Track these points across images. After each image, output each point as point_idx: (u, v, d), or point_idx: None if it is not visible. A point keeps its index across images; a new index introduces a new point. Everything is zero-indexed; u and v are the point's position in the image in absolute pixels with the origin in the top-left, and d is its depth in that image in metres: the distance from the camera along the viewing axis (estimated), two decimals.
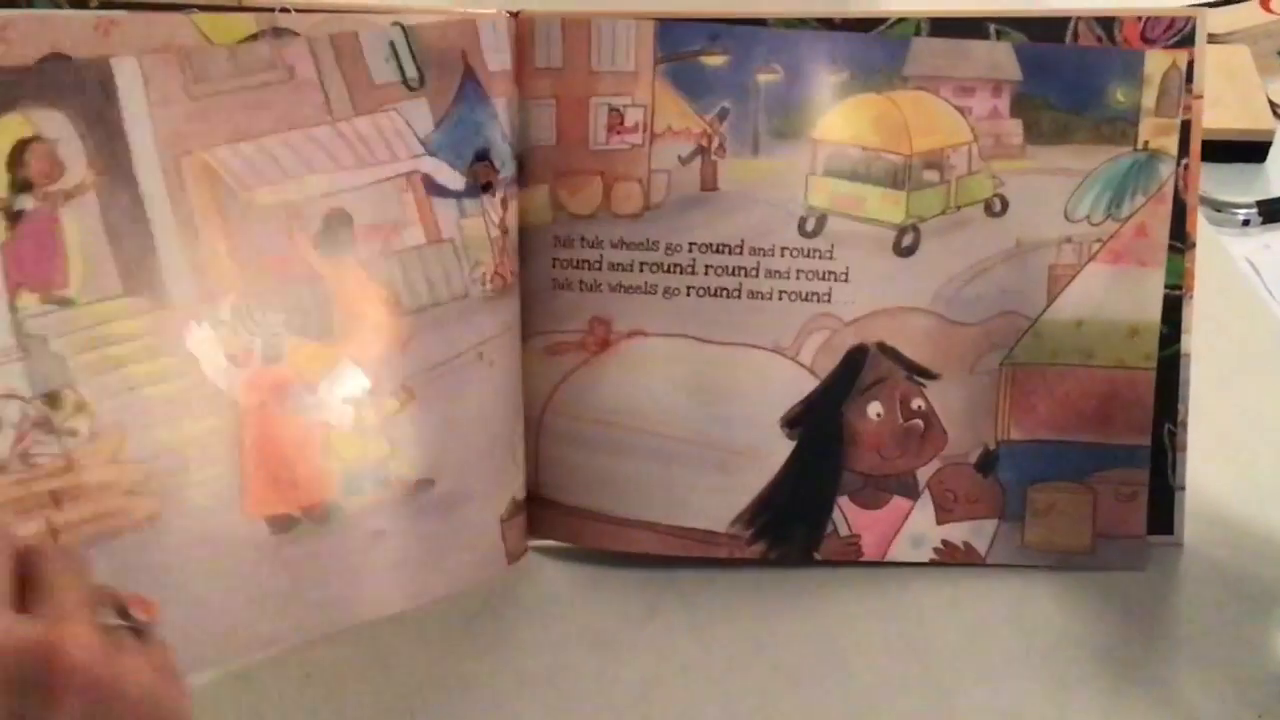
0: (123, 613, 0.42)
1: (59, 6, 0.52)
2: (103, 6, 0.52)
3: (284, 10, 0.53)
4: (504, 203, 0.57)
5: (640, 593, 0.62)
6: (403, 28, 0.54)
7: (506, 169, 0.57)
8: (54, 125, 0.49)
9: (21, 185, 0.49)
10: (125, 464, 0.51)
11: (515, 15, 0.57)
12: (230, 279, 0.53)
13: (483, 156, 0.56)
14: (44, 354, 0.50)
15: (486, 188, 0.57)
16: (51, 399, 0.50)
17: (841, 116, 0.59)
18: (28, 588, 0.40)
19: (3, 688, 0.36)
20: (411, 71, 0.55)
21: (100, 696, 0.38)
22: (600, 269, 0.59)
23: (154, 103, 0.51)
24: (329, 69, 0.53)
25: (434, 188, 0.56)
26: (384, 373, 0.56)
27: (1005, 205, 0.60)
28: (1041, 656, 0.59)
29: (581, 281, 0.60)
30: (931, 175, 0.59)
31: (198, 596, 0.53)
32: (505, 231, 0.58)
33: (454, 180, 0.56)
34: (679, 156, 0.58)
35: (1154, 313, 0.60)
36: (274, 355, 0.54)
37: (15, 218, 0.49)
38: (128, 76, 0.50)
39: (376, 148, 0.55)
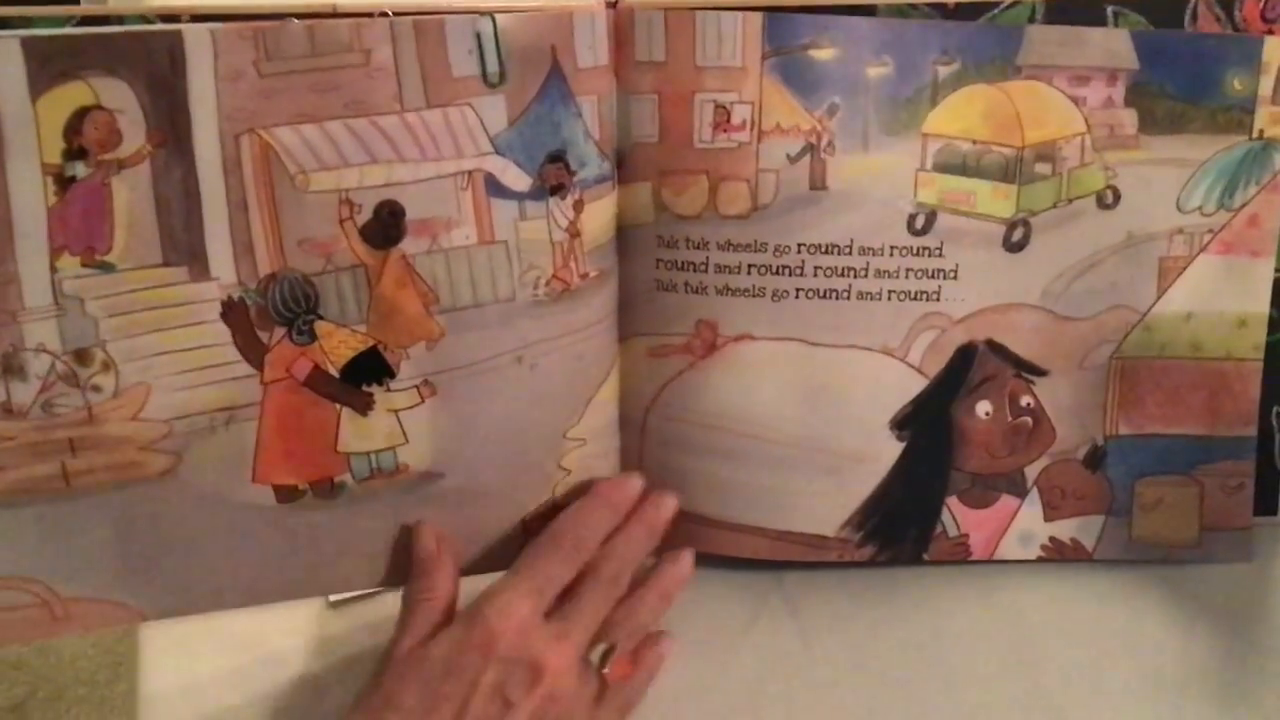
0: (603, 659, 0.53)
1: (149, 21, 0.49)
2: (195, 19, 0.49)
3: (383, 15, 0.50)
4: (577, 205, 0.55)
5: (741, 596, 0.61)
6: (493, 20, 0.51)
7: (587, 170, 0.54)
8: (116, 95, 0.48)
9: (76, 152, 0.48)
10: (145, 421, 0.52)
11: (613, 6, 0.54)
12: (273, 258, 0.52)
13: (557, 158, 0.54)
14: (78, 314, 0.50)
15: (556, 189, 0.54)
16: (80, 356, 0.50)
17: (952, 109, 0.56)
18: (566, 597, 0.54)
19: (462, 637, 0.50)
20: (494, 66, 0.52)
21: (515, 679, 0.50)
22: (706, 271, 0.57)
23: (222, 77, 0.49)
24: (407, 57, 0.51)
25: (495, 188, 0.53)
26: (409, 366, 0.54)
27: (1118, 197, 0.58)
28: (1151, 654, 0.59)
29: (687, 283, 0.57)
30: (1043, 168, 0.57)
31: (199, 549, 0.54)
32: (575, 235, 0.55)
33: (519, 181, 0.53)
34: (787, 155, 0.55)
35: (1263, 303, 0.59)
36: (304, 335, 0.53)
37: (66, 183, 0.49)
38: (199, 48, 0.49)
39: (443, 142, 0.52)
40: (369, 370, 0.54)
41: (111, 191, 0.49)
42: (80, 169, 0.49)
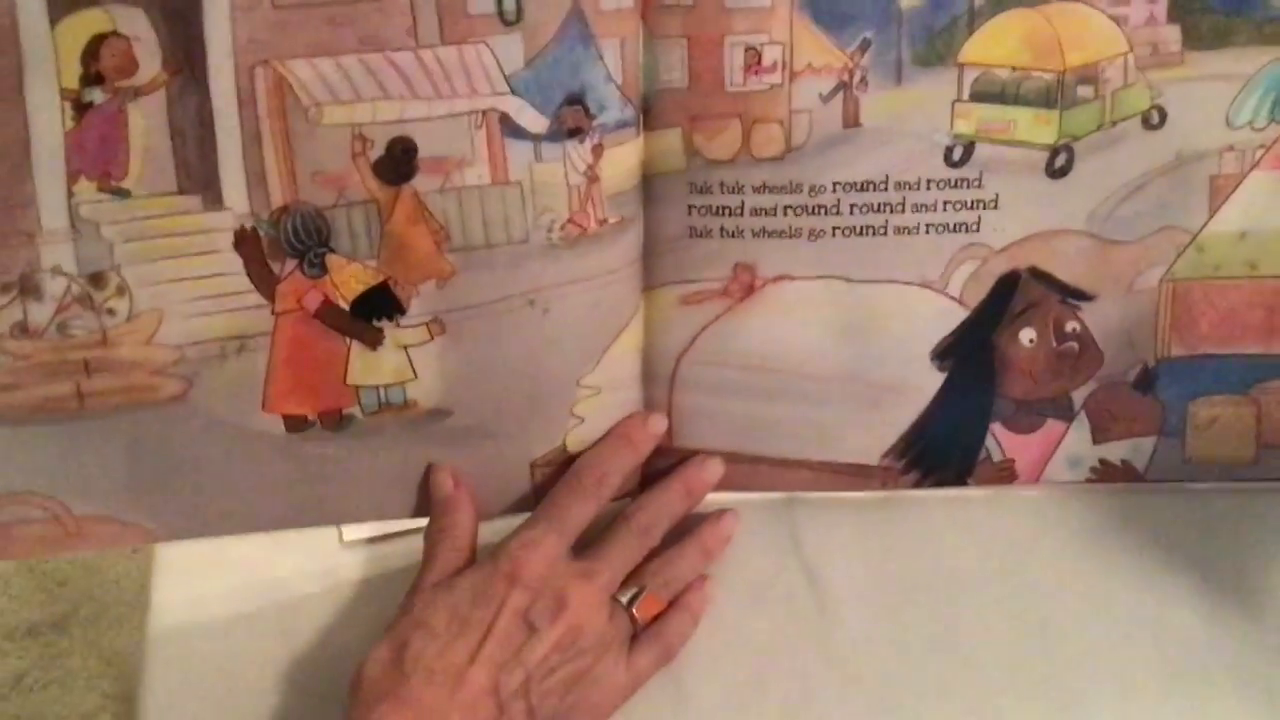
0: (631, 600, 0.55)
1: None
2: None
3: None
4: (596, 150, 0.54)
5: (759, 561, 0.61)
6: None
7: (608, 114, 0.53)
8: (133, 22, 0.48)
9: (94, 78, 0.49)
10: (157, 346, 0.53)
11: None
12: (285, 190, 0.52)
13: (575, 100, 0.53)
14: (94, 238, 0.51)
15: (574, 133, 0.53)
16: (95, 279, 0.51)
17: (988, 36, 0.54)
18: (598, 540, 0.56)
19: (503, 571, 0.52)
20: (511, 4, 0.51)
21: (540, 605, 0.51)
22: (742, 215, 0.56)
23: (237, 7, 0.49)
24: None
25: (511, 128, 0.52)
26: (419, 303, 0.54)
27: (1164, 117, 0.55)
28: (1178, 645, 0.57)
29: (722, 228, 0.56)
30: (1085, 91, 0.55)
31: (209, 473, 0.55)
32: (594, 180, 0.54)
33: (536, 122, 0.53)
34: (820, 94, 0.54)
35: None
36: (315, 268, 0.53)
37: (83, 109, 0.49)
38: None
39: (457, 80, 0.51)
40: (379, 305, 0.54)
41: (127, 118, 0.50)
42: (97, 95, 0.49)
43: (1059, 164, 0.56)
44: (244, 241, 0.52)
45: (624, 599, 0.55)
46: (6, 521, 0.53)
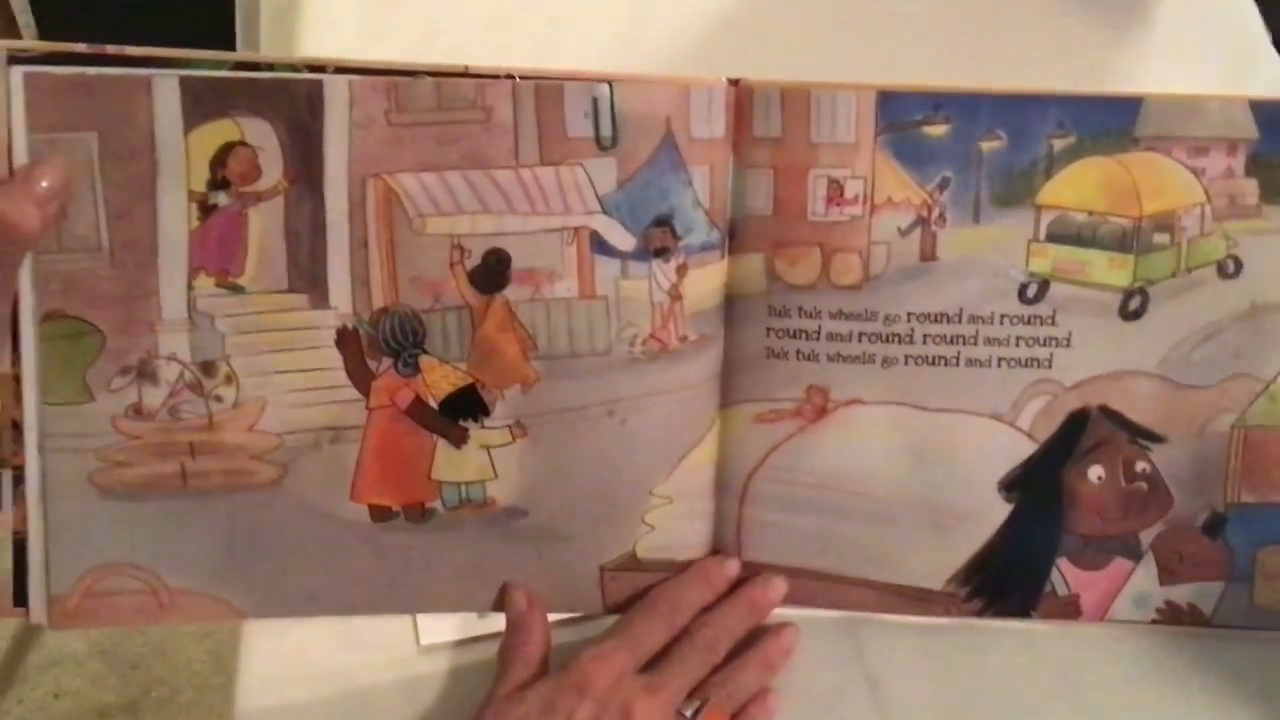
0: (694, 714, 0.55)
1: (296, 70, 0.52)
2: (339, 70, 0.52)
3: (509, 77, 0.53)
4: (680, 269, 0.55)
5: (822, 671, 0.61)
6: (610, 87, 0.53)
7: (694, 236, 0.55)
8: (259, 134, 0.52)
9: (220, 183, 0.52)
10: (259, 433, 0.55)
11: (735, 83, 0.55)
12: (386, 293, 0.54)
13: (663, 222, 0.55)
14: (209, 329, 0.54)
15: (660, 252, 0.55)
16: (206, 367, 0.54)
17: (1066, 181, 0.55)
18: (663, 657, 0.57)
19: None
20: (607, 130, 0.54)
21: (607, 718, 0.53)
22: (818, 339, 0.57)
23: (355, 124, 0.52)
24: (526, 116, 0.53)
25: (600, 245, 0.55)
26: (503, 406, 0.56)
27: (1239, 266, 0.56)
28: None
29: (798, 351, 0.57)
30: (1161, 238, 0.56)
31: (297, 556, 0.57)
32: (676, 298, 0.56)
33: (624, 241, 0.55)
34: (899, 228, 0.56)
35: None
36: (409, 367, 0.56)
37: (208, 210, 0.52)
38: (336, 97, 0.52)
39: (552, 198, 0.54)
40: (466, 406, 0.56)
41: (248, 220, 0.53)
42: (222, 198, 0.52)
43: (1133, 307, 0.58)
44: (345, 339, 0.55)
45: (688, 712, 0.55)
46: (105, 591, 0.55)
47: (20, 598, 0.55)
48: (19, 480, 0.54)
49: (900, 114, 0.55)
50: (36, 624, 0.55)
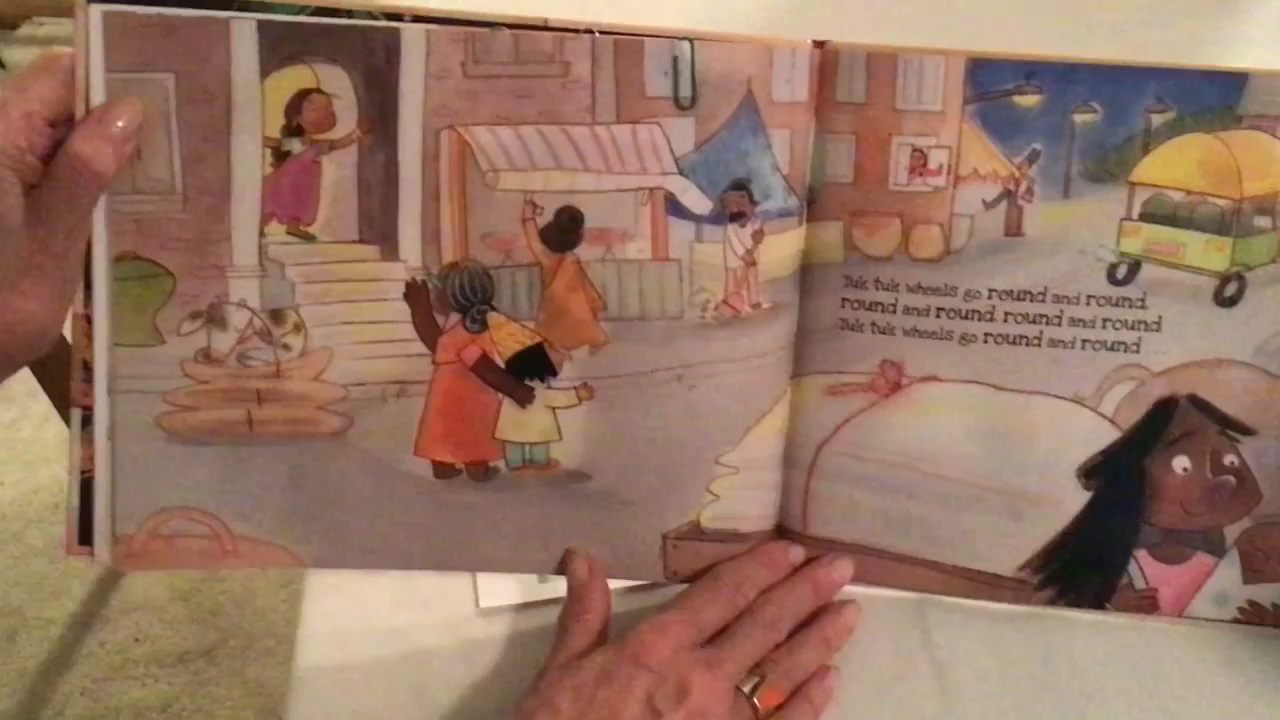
0: (753, 690, 0.54)
1: (374, 17, 0.51)
2: (415, 19, 0.52)
3: (589, 32, 0.51)
4: (756, 235, 0.54)
5: (886, 653, 0.59)
6: (691, 45, 0.51)
7: (771, 201, 0.54)
8: (335, 81, 0.51)
9: (294, 130, 0.52)
10: (324, 383, 0.55)
11: (820, 45, 0.53)
12: (457, 248, 0.54)
13: (740, 186, 0.54)
14: (279, 277, 0.53)
15: (736, 217, 0.54)
16: (275, 315, 0.54)
17: (1164, 158, 0.53)
18: (723, 634, 0.56)
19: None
20: (686, 90, 0.52)
21: (664, 690, 0.52)
22: (894, 312, 0.55)
23: (431, 74, 0.51)
24: (604, 73, 0.52)
25: (675, 208, 0.53)
26: (571, 367, 0.56)
27: None
28: None
29: (873, 324, 0.56)
30: (1263, 221, 0.53)
31: (358, 508, 0.57)
32: (751, 264, 0.54)
33: (700, 204, 0.54)
34: (984, 200, 0.54)
35: None
36: (477, 324, 0.55)
37: (282, 157, 0.52)
38: (414, 46, 0.51)
39: (628, 157, 0.53)
40: (533, 365, 0.56)
41: (321, 169, 0.52)
42: (296, 145, 0.52)
43: (1229, 292, 0.55)
44: (413, 293, 0.54)
45: (746, 688, 0.54)
46: (170, 534, 0.55)
47: (86, 537, 0.55)
48: (88, 420, 0.54)
49: (991, 82, 0.53)
50: (102, 564, 0.56)
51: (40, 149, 0.48)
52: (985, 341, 0.56)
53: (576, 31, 0.52)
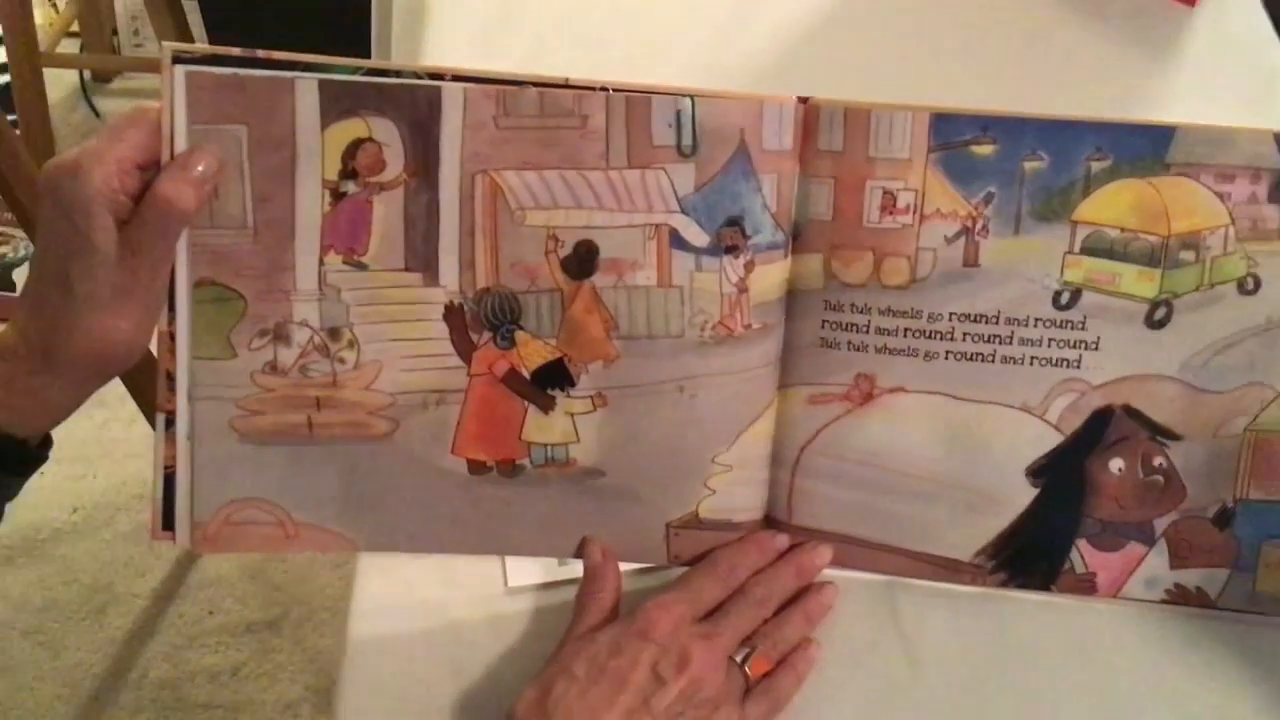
0: (744, 660, 0.55)
1: (419, 77, 0.52)
2: (455, 78, 0.52)
3: (603, 90, 0.52)
4: (748, 265, 0.55)
5: (858, 628, 0.59)
6: (692, 101, 0.52)
7: (761, 236, 0.54)
8: (385, 131, 0.52)
9: (350, 173, 0.53)
10: (375, 392, 0.55)
11: (804, 101, 0.54)
12: (489, 275, 0.54)
13: (734, 223, 0.54)
14: (336, 300, 0.54)
15: (730, 249, 0.54)
16: (332, 333, 0.54)
17: (1102, 200, 0.53)
18: (719, 610, 0.56)
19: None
20: (688, 140, 0.53)
21: (667, 660, 0.53)
22: (867, 332, 0.56)
23: (468, 126, 0.52)
24: (616, 125, 0.52)
25: (678, 241, 0.54)
26: (587, 379, 0.56)
27: (1258, 284, 0.53)
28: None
29: (849, 342, 0.56)
30: (1187, 255, 0.53)
31: (404, 500, 0.57)
32: (743, 290, 0.55)
33: (699, 238, 0.54)
34: (945, 236, 0.54)
35: None
36: (506, 341, 0.56)
37: (339, 196, 0.53)
38: (452, 102, 0.52)
39: (637, 198, 0.53)
40: (554, 377, 0.56)
41: (372, 207, 0.53)
42: (351, 187, 0.53)
43: (1158, 316, 0.55)
44: (451, 314, 0.55)
45: (739, 658, 0.54)
46: (240, 521, 0.56)
47: (168, 523, 0.56)
48: (170, 423, 0.54)
49: (951, 134, 0.54)
50: (182, 546, 0.56)
51: (132, 190, 0.49)
52: (946, 358, 0.56)
53: (593, 89, 0.53)
